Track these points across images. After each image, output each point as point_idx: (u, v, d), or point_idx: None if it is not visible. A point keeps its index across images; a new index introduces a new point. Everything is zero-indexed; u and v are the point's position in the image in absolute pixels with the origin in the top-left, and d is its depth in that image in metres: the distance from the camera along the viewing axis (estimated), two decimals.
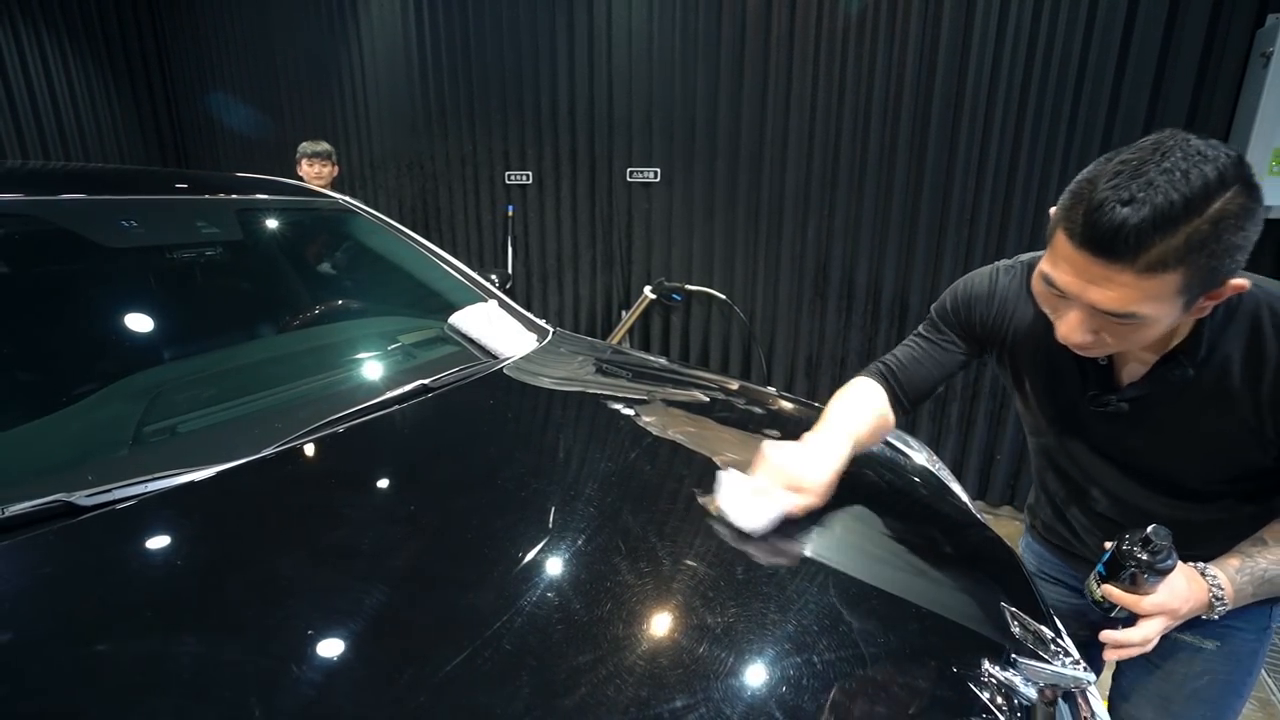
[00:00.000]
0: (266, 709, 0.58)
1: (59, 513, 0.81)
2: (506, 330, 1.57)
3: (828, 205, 2.94)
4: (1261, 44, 2.06)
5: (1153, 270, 0.64)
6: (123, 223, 1.24)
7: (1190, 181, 0.62)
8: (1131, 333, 0.71)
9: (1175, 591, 0.76)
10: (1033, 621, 0.81)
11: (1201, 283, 0.66)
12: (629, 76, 3.23)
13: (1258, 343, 0.75)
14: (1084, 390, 0.88)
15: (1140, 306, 0.67)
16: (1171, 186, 0.62)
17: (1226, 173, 0.62)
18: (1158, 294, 0.66)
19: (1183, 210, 0.62)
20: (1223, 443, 0.80)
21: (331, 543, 0.81)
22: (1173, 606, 0.75)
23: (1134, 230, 0.62)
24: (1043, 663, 0.74)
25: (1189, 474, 0.86)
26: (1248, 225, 0.64)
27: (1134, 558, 0.74)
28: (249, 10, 4.46)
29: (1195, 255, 0.63)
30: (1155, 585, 0.75)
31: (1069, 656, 0.75)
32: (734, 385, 1.52)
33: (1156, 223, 0.62)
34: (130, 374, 1.09)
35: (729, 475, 0.93)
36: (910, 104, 2.67)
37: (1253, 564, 0.79)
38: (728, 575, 0.80)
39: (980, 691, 0.69)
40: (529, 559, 0.79)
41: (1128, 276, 0.65)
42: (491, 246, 3.92)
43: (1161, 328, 0.71)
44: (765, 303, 3.20)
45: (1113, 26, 2.29)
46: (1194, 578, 0.78)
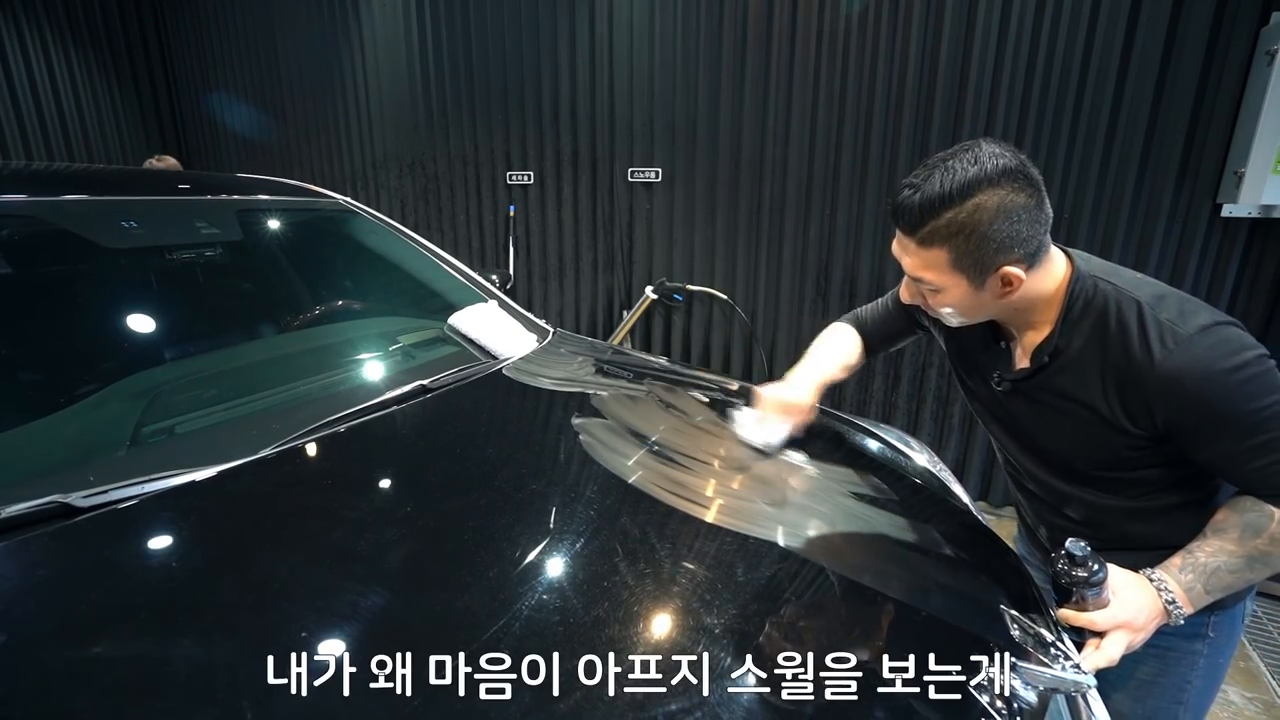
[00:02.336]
0: (262, 709, 0.58)
1: (56, 514, 0.80)
2: (506, 331, 1.56)
3: (829, 204, 2.93)
4: (1266, 42, 2.04)
5: (925, 244, 0.80)
6: (123, 223, 1.24)
7: (956, 177, 0.75)
8: (933, 296, 0.85)
9: (1127, 604, 0.77)
10: (1032, 625, 0.80)
11: (971, 264, 0.78)
12: (630, 77, 3.23)
13: (1103, 335, 0.81)
14: (991, 370, 0.96)
15: (924, 273, 0.82)
16: (942, 180, 0.76)
17: (995, 175, 0.75)
18: (933, 265, 0.81)
19: (945, 198, 0.76)
20: (1084, 426, 0.86)
21: (329, 543, 0.81)
22: (1127, 619, 0.77)
23: (910, 209, 0.79)
24: (1043, 666, 0.73)
25: (1073, 455, 0.91)
26: (1006, 221, 0.75)
27: (1065, 575, 0.77)
28: (252, 9, 4.47)
29: (956, 238, 0.77)
30: (1101, 598, 0.77)
31: (1069, 660, 0.74)
32: (734, 386, 1.52)
33: (924, 205, 0.77)
34: (129, 375, 1.09)
35: (741, 411, 1.17)
36: (912, 103, 2.66)
37: (1192, 559, 0.80)
38: (726, 577, 0.80)
39: (980, 695, 0.69)
40: (527, 560, 0.79)
41: (913, 246, 0.81)
42: (493, 247, 3.92)
43: (956, 297, 0.83)
44: (767, 302, 3.19)
45: (1115, 26, 2.28)
46: (1143, 587, 0.79)
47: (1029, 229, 0.77)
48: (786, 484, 1.07)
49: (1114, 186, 2.40)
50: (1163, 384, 0.76)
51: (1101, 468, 0.89)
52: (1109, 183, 2.41)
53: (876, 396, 3.05)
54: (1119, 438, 0.84)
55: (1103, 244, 2.46)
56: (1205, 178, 2.28)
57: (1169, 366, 0.75)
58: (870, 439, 1.36)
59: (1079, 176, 2.44)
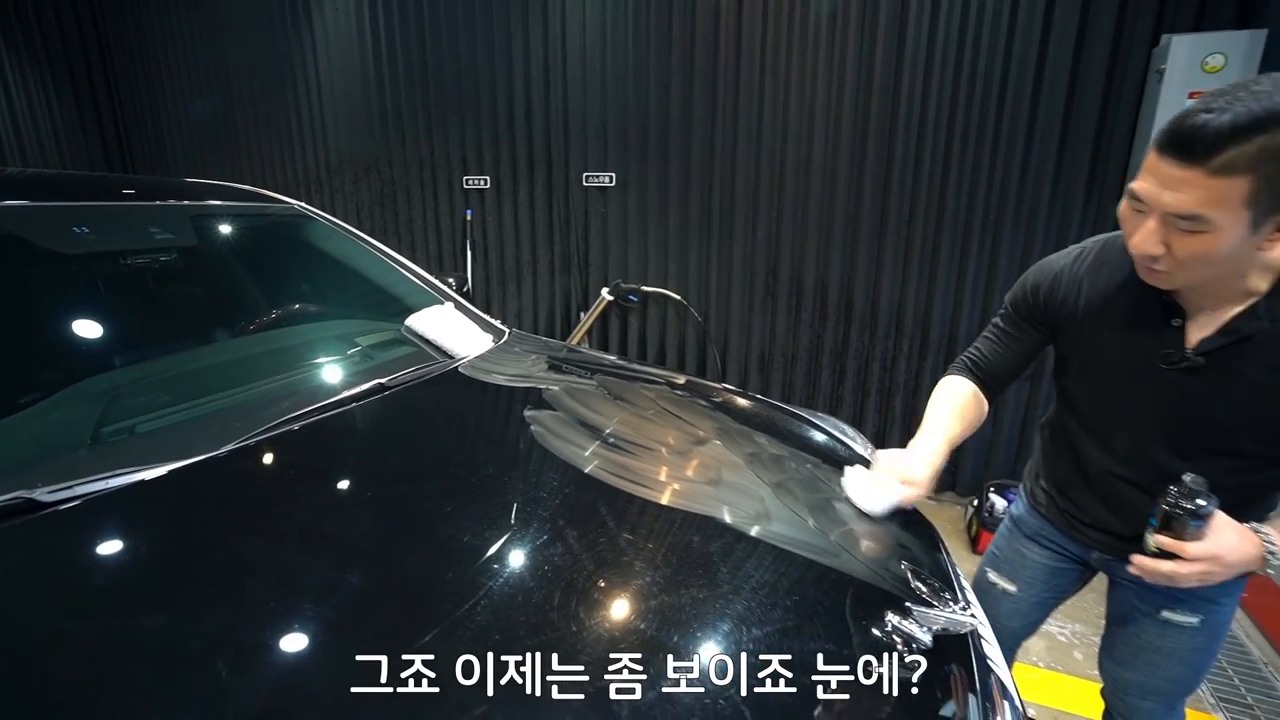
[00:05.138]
0: (224, 690, 0.63)
1: (20, 509, 0.84)
2: (462, 331, 1.62)
3: (775, 209, 3.07)
4: (1156, 62, 2.25)
5: (1223, 172, 0.71)
6: (76, 229, 1.26)
7: (1274, 99, 0.69)
8: (1197, 245, 0.77)
9: (1222, 542, 0.83)
10: (929, 576, 0.91)
11: (1270, 197, 0.71)
12: (583, 83, 3.31)
13: None
14: (1157, 350, 0.92)
15: (1207, 209, 0.73)
16: (1254, 100, 0.69)
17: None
18: (1225, 197, 0.72)
19: (1260, 120, 0.69)
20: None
21: (291, 528, 0.87)
22: (1218, 554, 0.83)
23: (1212, 132, 0.70)
24: (934, 609, 0.84)
25: (1245, 434, 0.89)
26: None
27: (1175, 505, 0.83)
28: (197, 14, 4.38)
29: (1266, 164, 0.69)
30: (1201, 531, 0.83)
31: (957, 603, 0.85)
32: (681, 379, 1.61)
33: (1236, 127, 0.69)
34: (91, 376, 1.12)
35: (854, 470, 1.11)
36: (850, 115, 2.81)
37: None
38: (667, 551, 0.88)
39: (884, 636, 0.79)
40: (480, 540, 0.86)
41: (1199, 177, 0.72)
42: (451, 250, 3.95)
43: (1220, 242, 0.75)
44: (719, 303, 3.32)
45: (1029, 49, 2.48)
46: (1246, 534, 0.84)
47: None
48: (729, 468, 1.16)
49: (1032, 194, 2.60)
50: None
51: (1267, 443, 0.89)
52: (1028, 190, 2.60)
53: (824, 390, 3.20)
54: None
55: (1024, 247, 2.65)
56: (1110, 186, 2.49)
57: None
58: (813, 429, 1.48)
59: (1001, 184, 2.63)
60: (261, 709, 0.61)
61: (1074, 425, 1.10)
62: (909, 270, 2.87)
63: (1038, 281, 1.07)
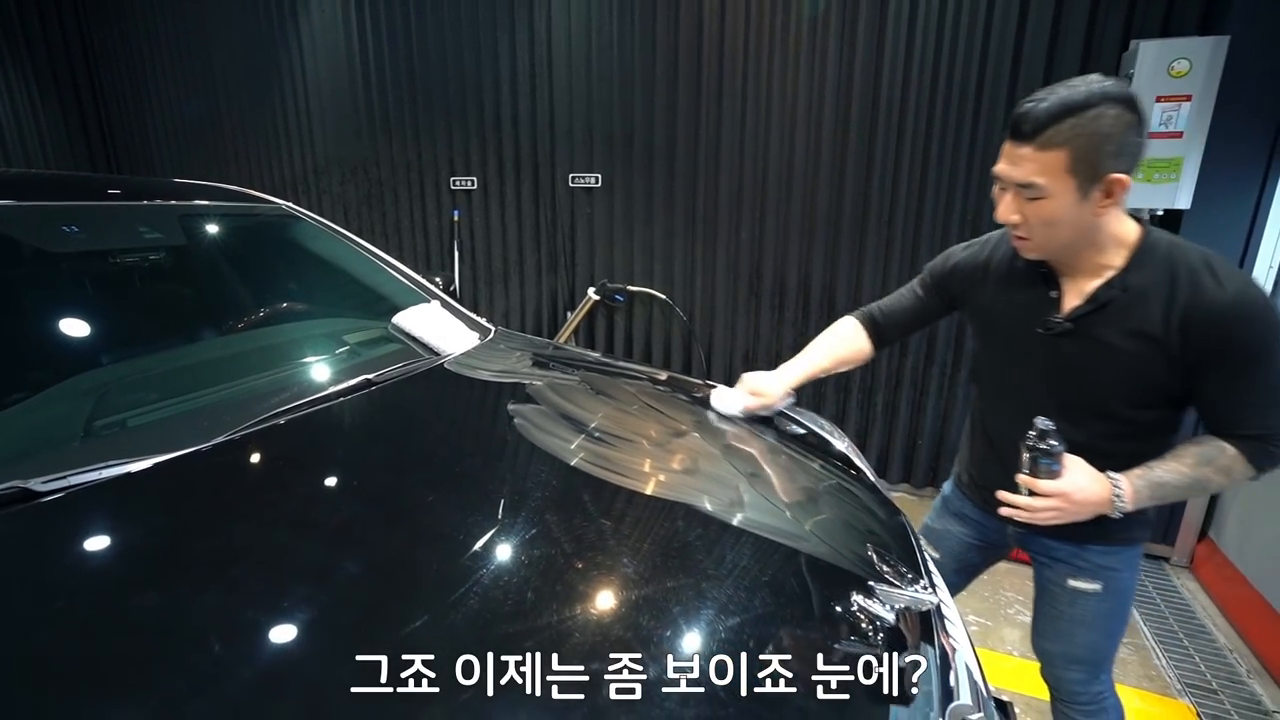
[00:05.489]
0: (215, 668, 0.65)
1: (16, 498, 0.87)
2: (449, 329, 1.65)
3: (758, 210, 3.12)
4: (1126, 66, 2.32)
5: (1047, 146, 0.91)
6: (68, 228, 1.28)
7: (1079, 91, 0.89)
8: (1041, 210, 0.95)
9: (1073, 481, 0.99)
10: (893, 558, 0.96)
11: (1085, 167, 0.90)
12: (569, 85, 3.35)
13: (1173, 273, 0.97)
14: (1038, 318, 1.08)
15: (1040, 177, 0.92)
16: (1067, 91, 0.90)
17: (1110, 94, 0.89)
18: (1051, 166, 0.91)
19: (1070, 107, 0.89)
20: (1139, 359, 1.00)
21: (281, 515, 0.90)
22: (1067, 491, 0.98)
23: (1035, 116, 0.91)
24: (898, 589, 0.89)
25: (1113, 393, 1.04)
26: (1124, 134, 0.89)
27: (1033, 448, 0.98)
28: (183, 15, 4.38)
29: (1077, 139, 0.89)
30: (1055, 472, 0.98)
31: (918, 583, 0.90)
32: (662, 376, 1.66)
33: (1050, 112, 0.90)
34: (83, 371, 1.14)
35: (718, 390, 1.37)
36: (831, 118, 2.87)
37: (1148, 469, 1.00)
38: (644, 537, 0.92)
39: (850, 615, 0.83)
40: (465, 525, 0.89)
41: (1031, 152, 0.92)
42: (438, 251, 3.97)
43: (1059, 206, 0.93)
44: (704, 302, 3.36)
45: (1003, 54, 2.55)
46: (1098, 478, 0.99)
47: (1134, 148, 0.90)
48: (707, 459, 1.21)
49: None
50: (1235, 313, 0.92)
51: (1133, 405, 1.04)
52: None
53: (808, 388, 3.25)
54: (1163, 369, 0.98)
55: None
56: None
57: (1243, 300, 0.92)
58: (793, 424, 1.52)
59: (980, 185, 2.70)
60: (254, 692, 0.64)
61: (981, 400, 1.28)
62: (889, 269, 2.94)
63: (953, 256, 1.27)
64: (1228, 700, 1.91)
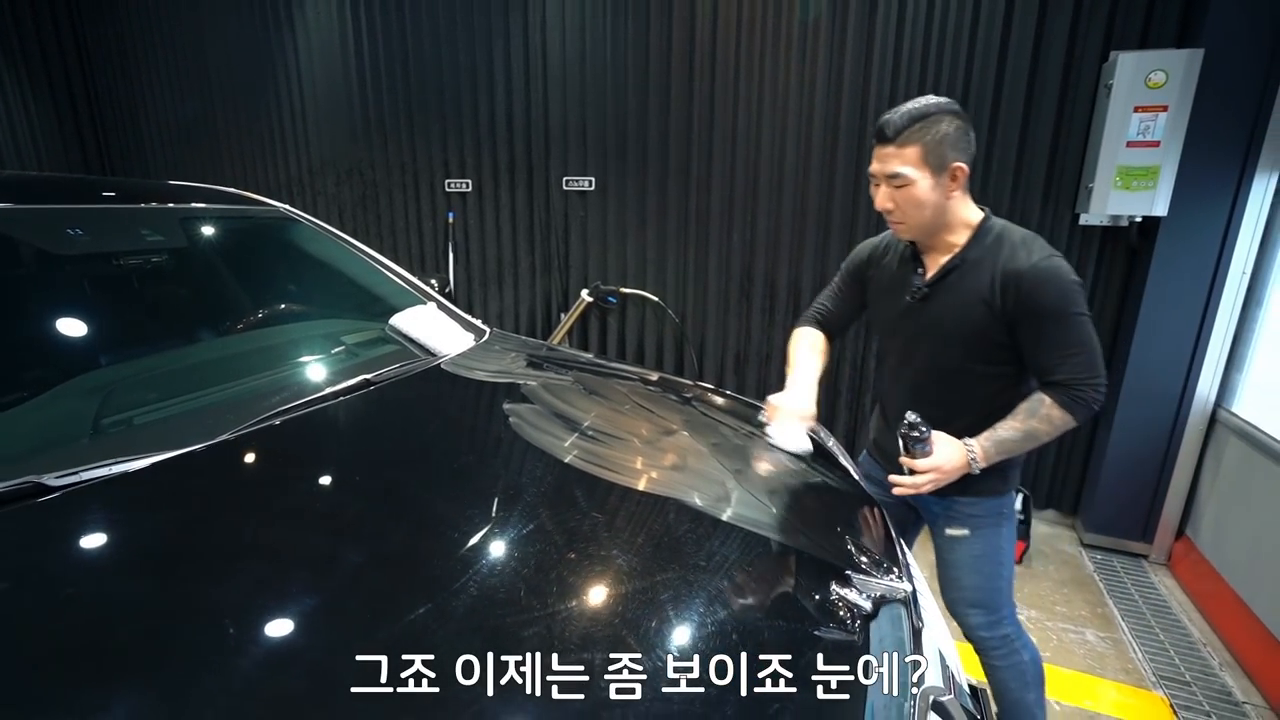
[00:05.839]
0: (220, 658, 0.68)
1: (29, 492, 0.90)
2: (444, 330, 1.69)
3: (749, 213, 3.17)
4: (1105, 76, 2.39)
5: (904, 144, 1.17)
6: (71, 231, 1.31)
7: (925, 103, 1.17)
8: (907, 195, 1.19)
9: (943, 455, 1.23)
10: (869, 549, 1.00)
11: (935, 158, 1.16)
12: (563, 89, 3.40)
13: (998, 249, 1.22)
14: (909, 289, 1.32)
15: (901, 167, 1.18)
16: (915, 106, 1.17)
17: (944, 107, 1.17)
18: (909, 159, 1.17)
19: (916, 116, 1.16)
20: (980, 319, 1.22)
21: (283, 509, 0.93)
22: (939, 464, 1.22)
23: (895, 123, 1.17)
24: (874, 579, 0.93)
25: (966, 351, 1.27)
26: (955, 133, 1.16)
27: (904, 434, 1.22)
28: (178, 18, 4.39)
29: (927, 138, 1.15)
30: (928, 451, 1.22)
31: (891, 573, 0.94)
32: (653, 376, 1.70)
33: (906, 119, 1.16)
34: (89, 371, 1.17)
35: (772, 425, 1.37)
36: (821, 123, 2.93)
37: (995, 433, 1.24)
38: (637, 532, 0.97)
39: (828, 604, 0.88)
40: (463, 521, 0.93)
41: (893, 150, 1.18)
42: (433, 252, 4.00)
43: (921, 191, 1.17)
44: (695, 304, 3.41)
45: (988, 65, 2.62)
46: (958, 446, 1.24)
47: (967, 145, 1.18)
48: (696, 457, 1.25)
49: (993, 199, 2.72)
50: (1034, 276, 1.16)
51: (979, 360, 1.27)
52: (989, 196, 2.73)
53: None
54: (998, 328, 1.21)
55: None
56: (1065, 191, 2.63)
57: (1041, 266, 1.16)
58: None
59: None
60: (256, 689, 0.66)
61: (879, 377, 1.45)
62: None
63: (862, 248, 1.49)
64: (1200, 692, 1.97)
